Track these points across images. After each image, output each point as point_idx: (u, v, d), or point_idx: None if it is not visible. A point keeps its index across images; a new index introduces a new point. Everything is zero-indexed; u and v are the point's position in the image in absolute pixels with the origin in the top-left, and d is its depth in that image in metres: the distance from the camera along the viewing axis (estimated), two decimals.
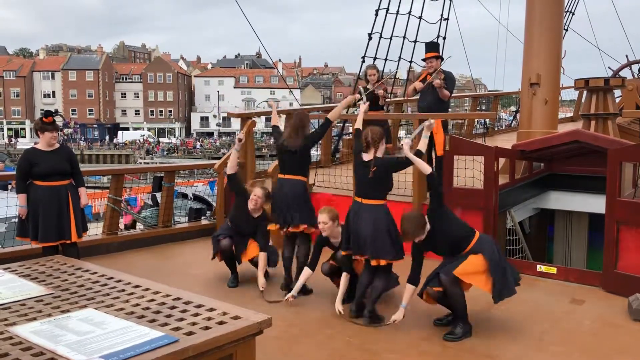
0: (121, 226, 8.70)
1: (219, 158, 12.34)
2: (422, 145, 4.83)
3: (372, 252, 4.70)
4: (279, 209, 5.58)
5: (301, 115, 5.78)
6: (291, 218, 5.48)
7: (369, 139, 4.84)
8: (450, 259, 4.55)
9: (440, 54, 7.86)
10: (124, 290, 3.05)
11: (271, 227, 5.73)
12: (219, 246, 5.84)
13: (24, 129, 79.00)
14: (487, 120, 14.08)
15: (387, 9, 11.71)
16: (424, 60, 7.81)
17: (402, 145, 4.76)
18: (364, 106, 5.61)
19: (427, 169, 4.61)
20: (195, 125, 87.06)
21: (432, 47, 7.99)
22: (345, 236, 4.95)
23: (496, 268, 4.41)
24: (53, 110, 5.79)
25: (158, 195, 8.96)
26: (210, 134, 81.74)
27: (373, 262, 4.70)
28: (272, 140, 8.88)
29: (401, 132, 14.19)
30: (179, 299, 2.87)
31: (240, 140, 6.01)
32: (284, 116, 8.61)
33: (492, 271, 4.40)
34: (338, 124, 13.16)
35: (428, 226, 4.50)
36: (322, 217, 5.12)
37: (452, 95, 7.82)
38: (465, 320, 4.49)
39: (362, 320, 4.71)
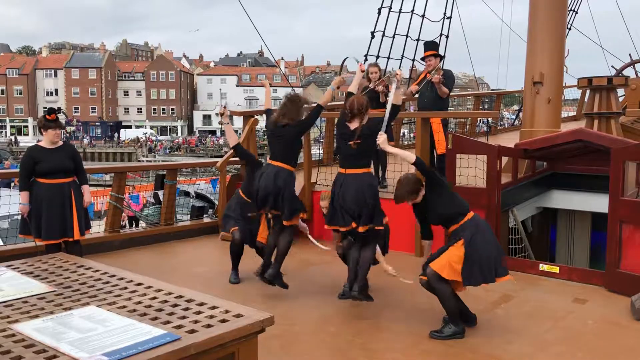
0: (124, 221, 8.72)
1: (222, 156, 12.34)
2: (397, 100, 4.87)
3: (363, 219, 4.68)
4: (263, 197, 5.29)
5: (294, 95, 5.48)
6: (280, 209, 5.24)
7: (355, 110, 4.74)
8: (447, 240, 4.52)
9: (440, 52, 7.87)
10: (126, 288, 3.05)
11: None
12: (233, 239, 5.79)
13: (26, 126, 79.10)
14: (490, 119, 14.07)
15: (390, 7, 11.67)
16: (422, 59, 7.83)
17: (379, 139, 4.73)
18: (359, 72, 5.39)
19: (410, 158, 4.60)
20: (198, 123, 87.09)
21: (430, 45, 8.00)
22: (331, 211, 4.89)
23: (467, 258, 4.29)
24: (56, 108, 5.79)
25: (160, 193, 8.97)
26: (213, 132, 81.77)
27: (361, 229, 4.68)
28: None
29: (403, 130, 14.18)
30: (181, 297, 2.87)
31: (222, 114, 6.04)
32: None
33: (465, 260, 4.31)
34: None
35: (423, 192, 4.50)
36: (324, 203, 5.27)
37: (453, 94, 7.82)
38: (455, 320, 4.39)
39: (353, 295, 4.72)
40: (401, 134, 12.98)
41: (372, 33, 11.62)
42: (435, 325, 4.62)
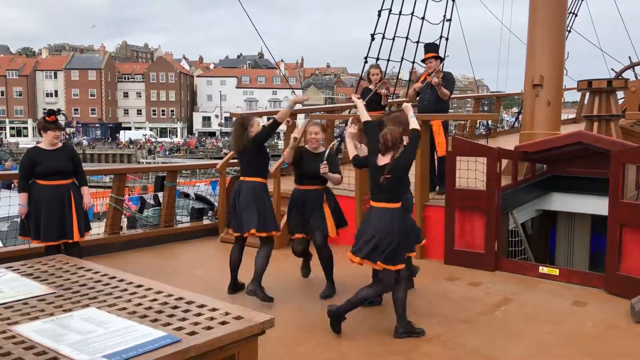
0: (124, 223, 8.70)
1: (221, 158, 12.34)
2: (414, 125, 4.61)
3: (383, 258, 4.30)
4: (235, 213, 5.26)
5: (240, 119, 5.40)
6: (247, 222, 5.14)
7: (389, 143, 4.32)
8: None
9: (440, 55, 7.87)
10: (126, 289, 3.05)
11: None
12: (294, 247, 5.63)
13: (26, 128, 79.13)
14: (490, 122, 14.08)
15: (390, 10, 11.70)
16: (423, 61, 7.84)
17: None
18: (359, 102, 5.22)
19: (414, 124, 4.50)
20: (197, 125, 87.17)
21: (431, 47, 8.01)
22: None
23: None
24: (55, 110, 5.79)
25: (160, 194, 8.97)
26: (212, 134, 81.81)
27: (381, 267, 4.32)
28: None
29: None
30: (181, 298, 2.87)
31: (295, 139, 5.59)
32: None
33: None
34: (340, 124, 13.15)
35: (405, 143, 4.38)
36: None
37: (453, 96, 7.82)
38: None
39: (398, 337, 4.45)
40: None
41: (372, 35, 11.66)
42: (435, 327, 4.62)
